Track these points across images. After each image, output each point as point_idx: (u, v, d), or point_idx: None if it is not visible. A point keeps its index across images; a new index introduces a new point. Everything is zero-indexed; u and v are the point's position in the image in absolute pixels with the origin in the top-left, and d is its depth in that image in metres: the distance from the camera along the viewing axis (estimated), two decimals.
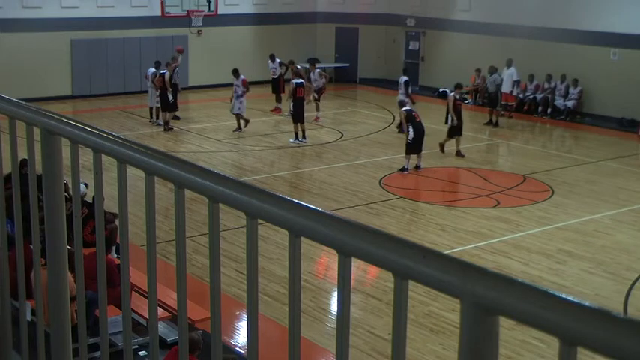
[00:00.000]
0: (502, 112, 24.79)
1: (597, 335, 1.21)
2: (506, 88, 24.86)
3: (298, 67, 24.34)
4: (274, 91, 25.97)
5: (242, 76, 22.39)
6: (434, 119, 22.53)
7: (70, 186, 2.81)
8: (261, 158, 20.11)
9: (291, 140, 21.55)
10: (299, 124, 21.47)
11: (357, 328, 10.16)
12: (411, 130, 18.35)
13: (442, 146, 20.17)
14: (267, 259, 12.21)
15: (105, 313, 2.56)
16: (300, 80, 21.81)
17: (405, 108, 19.16)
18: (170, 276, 2.61)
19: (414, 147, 18.42)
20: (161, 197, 3.29)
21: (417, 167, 18.64)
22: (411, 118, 18.57)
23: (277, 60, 26.19)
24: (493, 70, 24.87)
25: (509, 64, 24.91)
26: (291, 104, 21.49)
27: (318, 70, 24.67)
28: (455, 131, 19.94)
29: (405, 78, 22.76)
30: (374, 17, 32.02)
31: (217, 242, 2.04)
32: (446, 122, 20.23)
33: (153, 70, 23.21)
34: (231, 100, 22.52)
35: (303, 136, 21.52)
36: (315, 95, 24.08)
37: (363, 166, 19.13)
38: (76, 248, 2.63)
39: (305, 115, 21.84)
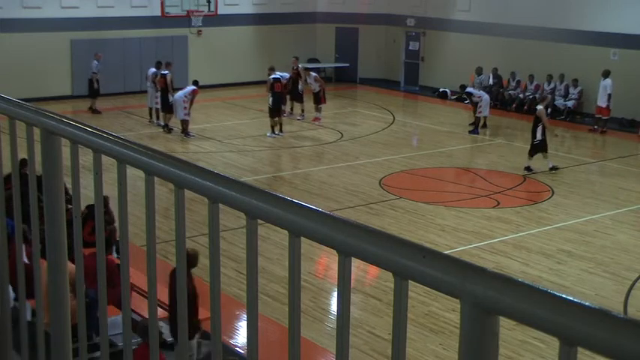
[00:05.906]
0: (594, 127, 23.88)
1: (597, 335, 1.21)
2: (601, 101, 23.65)
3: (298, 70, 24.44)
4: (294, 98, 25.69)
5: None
6: (433, 119, 22.51)
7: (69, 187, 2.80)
8: (261, 158, 20.11)
9: (268, 134, 21.97)
10: (276, 119, 21.99)
11: (357, 328, 10.16)
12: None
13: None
14: (267, 259, 12.21)
15: (105, 313, 2.56)
16: (277, 76, 22.39)
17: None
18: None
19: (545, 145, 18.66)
20: (161, 197, 3.29)
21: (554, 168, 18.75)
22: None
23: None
24: (479, 72, 24.47)
25: (605, 75, 23.57)
26: (270, 98, 21.98)
27: (313, 75, 24.70)
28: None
29: None
30: (374, 17, 32.01)
31: (217, 242, 2.04)
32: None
33: (153, 70, 23.20)
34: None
35: (280, 130, 22.05)
36: (316, 104, 24.34)
37: (363, 166, 19.12)
38: (75, 248, 2.63)
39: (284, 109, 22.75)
